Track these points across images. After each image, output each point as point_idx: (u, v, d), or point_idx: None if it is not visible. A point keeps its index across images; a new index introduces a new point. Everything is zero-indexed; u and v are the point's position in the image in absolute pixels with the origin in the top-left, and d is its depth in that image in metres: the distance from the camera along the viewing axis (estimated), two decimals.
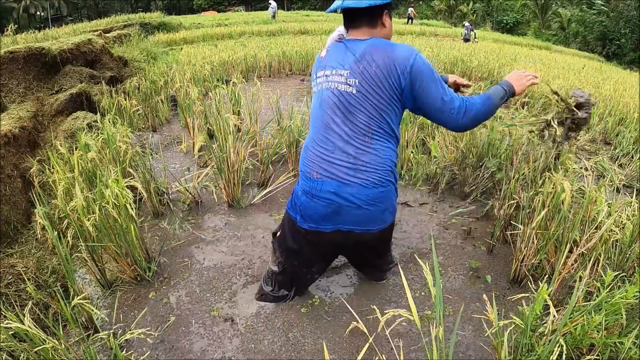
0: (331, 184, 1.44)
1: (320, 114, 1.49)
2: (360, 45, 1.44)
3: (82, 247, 1.80)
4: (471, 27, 15.54)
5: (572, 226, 1.70)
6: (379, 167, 1.44)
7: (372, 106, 1.40)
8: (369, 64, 1.39)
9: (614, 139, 3.88)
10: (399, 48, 1.40)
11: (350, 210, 1.46)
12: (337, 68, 1.46)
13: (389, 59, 1.37)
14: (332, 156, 1.44)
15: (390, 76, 1.37)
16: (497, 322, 1.28)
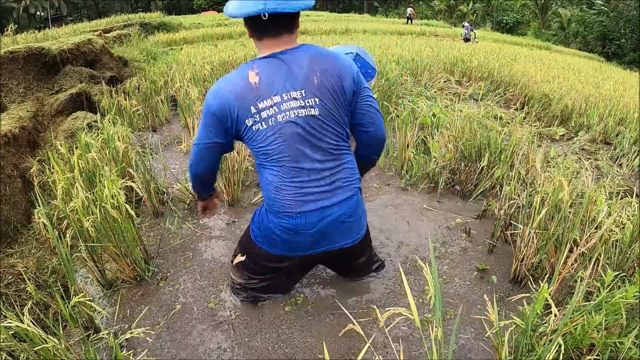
0: (314, 215, 1.36)
1: (285, 151, 1.31)
2: (300, 56, 1.28)
3: (82, 247, 1.80)
4: (471, 27, 15.55)
5: (572, 226, 1.70)
6: (351, 179, 1.42)
7: (336, 122, 1.33)
8: (323, 76, 1.26)
9: (614, 139, 3.88)
10: (340, 55, 1.36)
11: (336, 230, 1.42)
12: (287, 91, 1.26)
13: (340, 66, 1.30)
14: (308, 188, 1.34)
15: (345, 84, 1.30)
16: (497, 322, 1.29)
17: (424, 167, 2.80)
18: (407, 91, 4.47)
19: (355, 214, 1.45)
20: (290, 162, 1.32)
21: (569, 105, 4.57)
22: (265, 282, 1.65)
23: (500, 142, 2.72)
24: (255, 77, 1.27)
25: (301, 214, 1.35)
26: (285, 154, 1.31)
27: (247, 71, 1.28)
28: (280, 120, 1.28)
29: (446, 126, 3.06)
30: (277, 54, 1.27)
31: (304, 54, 1.28)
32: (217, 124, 1.33)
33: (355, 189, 1.44)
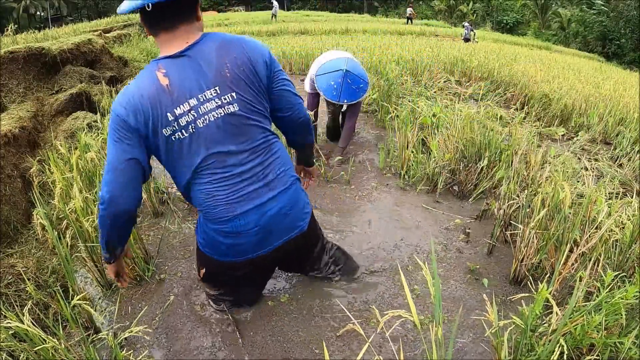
0: (252, 213, 1.29)
1: (210, 157, 1.21)
2: (205, 49, 1.16)
3: (82, 248, 1.80)
4: (471, 27, 15.54)
5: (572, 226, 1.70)
6: (285, 168, 1.35)
7: (259, 113, 1.25)
8: (236, 66, 1.17)
9: (614, 139, 3.88)
10: (248, 38, 1.26)
11: (279, 223, 1.35)
12: (202, 91, 1.15)
13: (249, 50, 1.21)
14: (242, 190, 1.26)
15: (258, 70, 1.22)
16: (497, 322, 1.28)
17: (423, 167, 2.80)
18: (407, 91, 4.47)
19: (296, 205, 1.39)
20: (217, 167, 1.22)
21: (569, 105, 4.58)
22: (233, 294, 1.64)
23: (500, 142, 2.72)
24: (165, 79, 1.13)
25: (238, 216, 1.27)
26: (211, 161, 1.21)
27: (155, 72, 1.14)
28: (200, 126, 1.17)
29: (446, 126, 3.06)
30: (183, 51, 1.14)
31: (209, 45, 1.16)
32: (133, 134, 1.15)
33: (292, 178, 1.38)
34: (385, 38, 11.44)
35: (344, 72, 2.75)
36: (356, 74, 2.80)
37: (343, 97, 2.78)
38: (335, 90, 2.77)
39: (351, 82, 2.78)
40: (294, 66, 7.29)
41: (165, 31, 1.15)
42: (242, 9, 36.31)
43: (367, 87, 2.87)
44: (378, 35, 13.18)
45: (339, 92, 2.76)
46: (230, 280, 1.56)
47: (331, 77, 2.79)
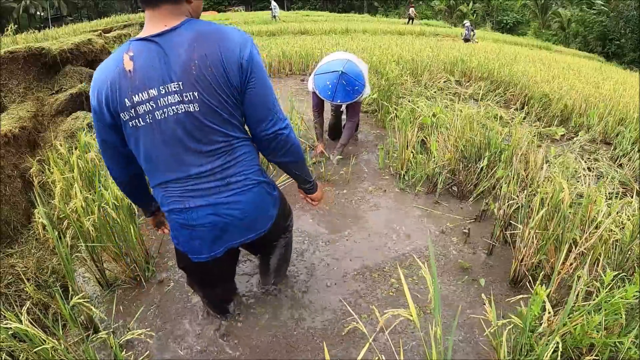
0: (204, 209, 1.25)
1: (165, 151, 1.17)
2: (179, 39, 1.08)
3: (82, 248, 1.80)
4: (472, 27, 15.50)
5: (572, 226, 1.70)
6: (248, 171, 1.28)
7: (221, 119, 1.16)
8: (204, 65, 1.08)
9: (613, 139, 3.88)
10: (230, 33, 1.12)
11: (235, 225, 1.30)
12: (165, 83, 1.09)
13: (224, 49, 1.09)
14: (195, 185, 1.22)
15: (229, 74, 1.10)
16: (496, 322, 1.29)
17: (423, 168, 2.80)
18: (407, 91, 4.47)
19: (257, 208, 1.33)
20: (173, 164, 1.19)
21: (568, 105, 4.57)
22: (211, 293, 1.61)
23: (500, 142, 2.72)
24: (129, 64, 1.09)
25: (191, 209, 1.24)
26: (168, 155, 1.17)
27: (122, 54, 1.11)
28: (158, 118, 1.12)
29: (446, 126, 3.06)
30: (154, 36, 1.09)
31: (184, 35, 1.08)
32: (100, 117, 1.16)
33: (254, 181, 1.30)
34: (385, 38, 11.45)
35: (340, 73, 2.84)
36: (352, 76, 2.86)
37: (337, 97, 2.86)
38: (329, 90, 2.86)
39: (346, 83, 2.84)
40: (293, 66, 7.29)
41: (148, 7, 1.10)
42: (242, 9, 36.32)
43: (362, 90, 2.90)
44: (378, 35, 13.18)
45: (333, 91, 2.85)
46: (196, 277, 1.54)
47: (327, 77, 2.88)
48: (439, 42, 11.69)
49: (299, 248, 2.14)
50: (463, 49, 8.84)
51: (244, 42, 1.12)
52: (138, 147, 1.18)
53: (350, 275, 1.94)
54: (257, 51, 1.16)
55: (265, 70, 1.18)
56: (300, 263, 2.03)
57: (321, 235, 2.25)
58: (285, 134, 1.24)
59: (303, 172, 1.42)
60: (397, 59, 5.98)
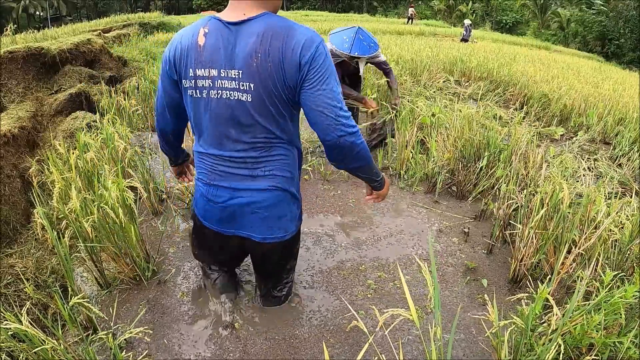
0: (225, 191, 1.32)
1: (210, 127, 1.25)
2: (250, 30, 1.12)
3: (81, 248, 1.80)
4: (471, 28, 15.45)
5: (572, 226, 1.70)
6: (278, 174, 1.30)
7: (269, 116, 1.19)
8: (265, 60, 1.11)
9: (613, 139, 3.88)
10: (297, 31, 1.12)
11: (245, 216, 1.34)
12: (226, 68, 1.15)
13: (286, 47, 1.10)
14: (227, 167, 1.29)
15: (287, 73, 1.12)
16: (497, 322, 1.29)
17: (422, 167, 2.80)
18: (407, 91, 4.47)
19: (271, 210, 1.34)
20: (213, 137, 1.26)
21: (568, 105, 4.58)
22: (205, 258, 1.68)
23: (499, 142, 2.72)
24: (202, 39, 1.16)
25: (213, 186, 1.34)
26: (210, 129, 1.25)
27: (200, 28, 1.18)
28: (212, 97, 1.19)
29: (445, 126, 3.06)
30: (230, 23, 1.14)
31: (256, 27, 1.12)
32: (166, 74, 1.28)
33: (280, 186, 1.31)
34: (385, 38, 11.45)
35: (357, 28, 2.93)
36: (368, 34, 2.97)
37: (354, 49, 2.86)
38: (346, 43, 2.87)
39: (363, 38, 2.90)
40: None
41: None
42: None
43: (377, 48, 2.98)
44: (377, 35, 13.17)
45: (350, 44, 2.86)
46: (201, 238, 1.58)
47: (344, 33, 2.95)
48: (439, 42, 11.70)
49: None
50: (462, 49, 8.84)
51: (309, 43, 1.11)
52: (191, 111, 1.28)
53: (350, 275, 1.94)
54: (324, 53, 1.13)
55: (333, 74, 1.15)
56: (300, 262, 2.03)
57: (320, 235, 2.25)
58: (349, 141, 1.17)
59: (372, 174, 1.36)
60: (396, 58, 5.99)
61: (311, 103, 1.14)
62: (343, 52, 2.87)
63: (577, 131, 4.04)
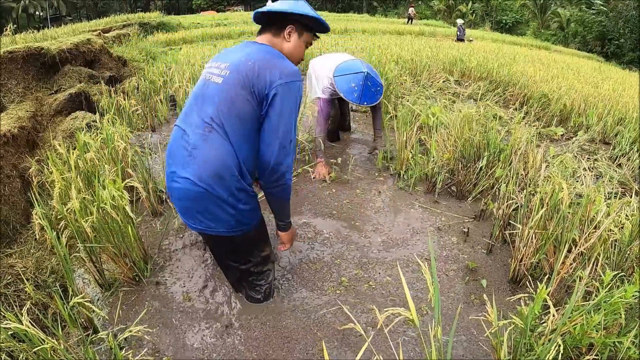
0: (168, 177, 1.44)
1: (191, 100, 1.46)
2: (254, 45, 1.47)
3: (81, 248, 1.80)
4: (463, 27, 15.32)
5: (571, 226, 1.70)
6: (209, 161, 1.33)
7: (228, 100, 1.34)
8: (247, 62, 1.37)
9: (613, 139, 3.88)
10: (280, 65, 1.37)
11: (190, 204, 1.39)
12: (222, 61, 1.44)
13: (265, 69, 1.34)
14: (180, 144, 1.40)
15: (257, 84, 1.34)
16: (496, 322, 1.29)
17: (422, 167, 2.80)
18: (406, 91, 4.47)
19: (202, 200, 1.36)
20: (183, 114, 1.46)
21: (568, 105, 4.58)
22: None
23: (499, 142, 2.72)
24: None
25: (166, 174, 1.46)
26: (191, 104, 1.45)
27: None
28: (201, 78, 1.48)
29: (445, 126, 3.06)
30: (248, 43, 1.51)
31: (258, 45, 1.47)
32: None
33: (203, 180, 1.34)
34: (385, 38, 11.45)
35: (365, 74, 2.75)
36: (374, 76, 2.82)
37: (364, 99, 2.76)
38: (355, 92, 2.74)
39: (371, 84, 2.77)
40: None
41: (260, 33, 1.55)
42: (241, 8, 36.29)
43: (382, 90, 2.87)
44: (377, 35, 13.18)
45: (359, 94, 2.74)
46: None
47: (352, 79, 2.75)
48: (438, 42, 11.70)
49: (298, 245, 2.13)
50: (462, 49, 8.84)
51: (282, 78, 1.34)
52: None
53: (349, 274, 1.94)
54: (294, 88, 1.37)
55: (294, 109, 1.38)
56: (299, 261, 2.03)
57: (320, 234, 2.25)
58: (281, 172, 1.40)
59: (283, 213, 1.57)
60: (396, 58, 5.99)
61: (269, 126, 1.37)
62: (352, 101, 2.75)
63: (577, 131, 4.04)
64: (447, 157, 2.71)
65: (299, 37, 1.52)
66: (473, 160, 2.68)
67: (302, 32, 1.52)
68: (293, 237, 1.69)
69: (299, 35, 1.51)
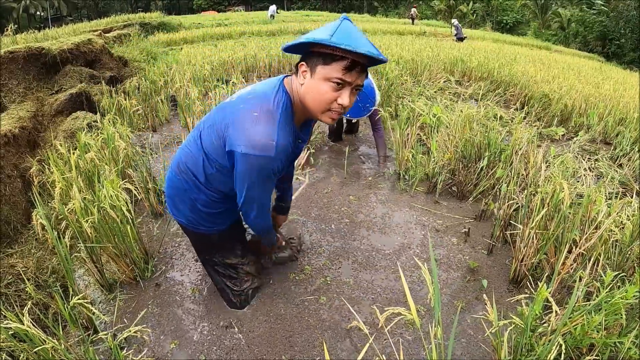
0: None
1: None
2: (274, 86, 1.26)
3: (81, 248, 1.80)
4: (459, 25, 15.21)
5: (572, 226, 1.70)
6: (183, 162, 1.42)
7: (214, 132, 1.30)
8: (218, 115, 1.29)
9: (613, 139, 3.88)
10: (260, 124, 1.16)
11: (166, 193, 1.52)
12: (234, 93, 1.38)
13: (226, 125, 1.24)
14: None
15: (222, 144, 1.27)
16: (497, 322, 1.28)
17: (423, 168, 2.80)
18: (407, 91, 4.47)
19: (170, 191, 1.49)
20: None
21: (568, 105, 4.57)
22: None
23: (500, 142, 2.72)
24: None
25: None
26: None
27: None
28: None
29: (446, 126, 3.06)
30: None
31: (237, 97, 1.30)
32: None
33: (171, 169, 1.47)
34: (385, 38, 11.45)
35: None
36: (367, 92, 2.78)
37: (348, 111, 2.79)
38: None
39: (359, 99, 2.77)
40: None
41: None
42: (242, 9, 36.30)
43: (372, 107, 2.83)
44: (378, 35, 13.18)
45: None
46: None
47: None
48: (439, 42, 11.69)
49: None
50: (463, 49, 8.84)
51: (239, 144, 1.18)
52: None
53: (349, 274, 1.94)
54: (252, 161, 1.18)
55: (258, 181, 1.25)
56: (299, 260, 2.03)
57: (320, 234, 2.25)
58: (247, 217, 1.44)
59: (266, 240, 1.70)
60: (397, 59, 5.99)
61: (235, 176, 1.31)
62: None
63: (578, 131, 4.03)
64: (448, 157, 2.71)
65: (312, 74, 1.13)
66: (474, 160, 2.68)
67: (314, 65, 1.12)
68: (274, 249, 1.83)
69: (311, 72, 1.14)
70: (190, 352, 1.54)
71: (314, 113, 1.19)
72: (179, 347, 1.56)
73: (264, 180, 1.25)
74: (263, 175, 1.23)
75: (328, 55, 1.08)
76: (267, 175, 1.23)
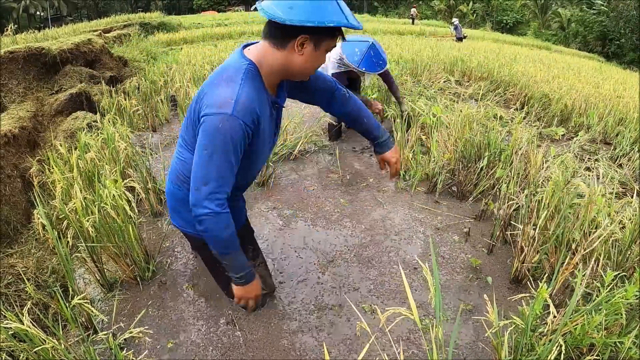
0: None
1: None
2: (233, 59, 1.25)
3: (82, 248, 1.80)
4: (460, 25, 15.22)
5: (572, 226, 1.70)
6: (175, 171, 1.44)
7: (190, 119, 1.29)
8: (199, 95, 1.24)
9: (613, 139, 3.88)
10: (221, 87, 1.17)
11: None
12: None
13: (205, 93, 1.20)
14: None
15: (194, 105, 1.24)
16: (497, 322, 1.29)
17: (423, 167, 2.80)
18: (407, 91, 4.47)
19: (175, 204, 1.49)
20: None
21: (568, 105, 4.57)
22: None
23: (500, 142, 2.72)
24: None
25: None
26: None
27: None
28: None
29: (446, 126, 3.06)
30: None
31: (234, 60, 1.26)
32: None
33: (170, 181, 1.47)
34: (385, 38, 11.46)
35: (370, 44, 3.00)
36: (380, 51, 3.05)
37: (362, 64, 2.93)
38: (357, 56, 2.94)
39: (373, 54, 2.97)
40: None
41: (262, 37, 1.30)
42: (242, 9, 36.29)
43: (385, 66, 3.06)
44: (378, 35, 13.18)
45: (360, 58, 2.93)
46: None
47: (357, 45, 2.99)
48: (439, 42, 11.70)
49: (298, 245, 2.14)
50: (463, 49, 8.84)
51: (213, 106, 1.15)
52: None
53: (349, 273, 1.94)
54: (221, 124, 1.13)
55: (216, 145, 1.14)
56: (299, 260, 2.03)
57: (320, 234, 2.25)
58: (197, 215, 1.20)
59: (224, 264, 1.32)
60: (397, 58, 5.99)
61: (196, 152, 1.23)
62: (351, 63, 2.93)
63: (578, 131, 4.03)
64: (448, 157, 2.71)
65: (316, 48, 1.17)
66: (474, 160, 2.68)
67: (320, 41, 1.17)
68: (251, 296, 1.40)
69: (315, 46, 1.17)
70: (191, 352, 1.54)
71: (301, 76, 1.26)
72: (179, 347, 1.56)
73: (226, 145, 1.14)
74: (226, 139, 1.14)
75: (336, 30, 1.17)
76: (230, 140, 1.14)
